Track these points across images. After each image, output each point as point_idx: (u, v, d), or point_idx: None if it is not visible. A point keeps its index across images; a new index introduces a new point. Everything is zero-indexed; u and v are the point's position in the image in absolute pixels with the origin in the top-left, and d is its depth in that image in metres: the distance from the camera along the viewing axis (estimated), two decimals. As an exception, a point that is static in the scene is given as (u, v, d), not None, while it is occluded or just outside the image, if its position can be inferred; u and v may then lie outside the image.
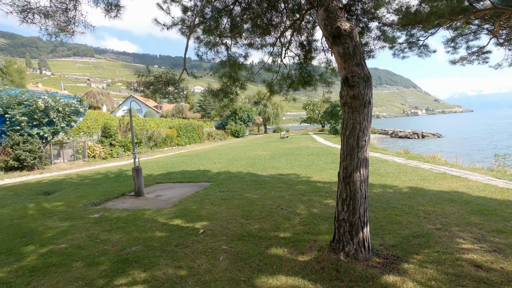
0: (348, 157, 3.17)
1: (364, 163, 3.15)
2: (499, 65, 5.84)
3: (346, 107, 3.16)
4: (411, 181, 7.49)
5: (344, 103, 3.17)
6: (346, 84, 3.08)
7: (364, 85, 3.04)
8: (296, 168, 10.25)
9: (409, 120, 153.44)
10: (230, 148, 20.66)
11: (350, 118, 3.15)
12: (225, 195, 6.44)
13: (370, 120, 3.18)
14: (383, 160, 11.57)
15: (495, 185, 6.80)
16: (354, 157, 3.13)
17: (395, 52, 6.58)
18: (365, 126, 3.11)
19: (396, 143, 33.54)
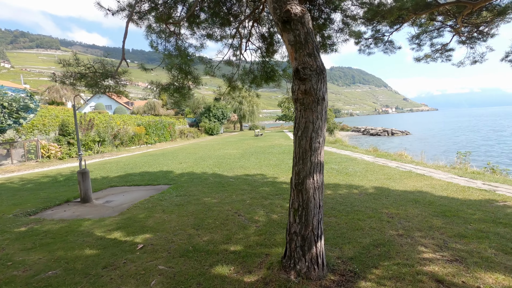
0: (301, 161, 2.76)
1: (318, 167, 2.76)
2: (462, 63, 5.79)
3: (298, 104, 2.75)
4: (378, 180, 7.36)
5: (296, 99, 2.76)
6: (297, 77, 2.66)
7: (317, 79, 2.64)
8: (265, 167, 9.86)
9: (380, 118, 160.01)
10: (201, 147, 19.93)
11: (302, 117, 2.74)
12: (181, 200, 5.87)
13: (325, 119, 2.79)
14: (353, 159, 11.52)
15: (457, 184, 6.82)
16: (307, 161, 2.73)
17: (361, 47, 6.34)
18: (319, 126, 2.72)
19: (367, 141, 34.46)
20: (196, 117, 44.39)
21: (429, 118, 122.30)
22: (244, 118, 55.67)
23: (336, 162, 10.57)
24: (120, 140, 21.78)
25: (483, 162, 15.92)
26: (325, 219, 4.48)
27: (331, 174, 8.41)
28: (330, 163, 10.39)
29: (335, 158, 11.79)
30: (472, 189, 6.24)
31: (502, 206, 5.05)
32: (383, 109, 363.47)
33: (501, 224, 4.09)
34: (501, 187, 6.50)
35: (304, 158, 2.74)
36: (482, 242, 3.48)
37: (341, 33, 4.96)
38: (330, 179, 7.69)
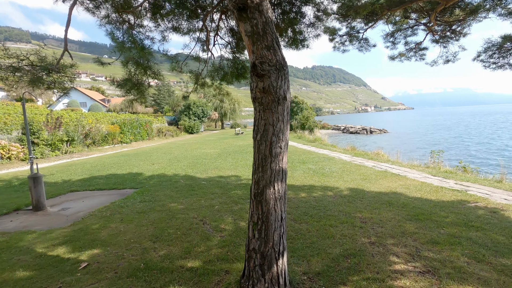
0: (260, 168, 2.44)
1: (279, 176, 2.45)
2: (435, 62, 5.72)
3: (256, 104, 2.42)
4: (353, 181, 7.22)
5: (254, 98, 2.43)
6: (254, 73, 2.33)
7: (277, 75, 2.32)
8: (240, 168, 9.52)
9: (360, 117, 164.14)
10: (178, 146, 19.27)
11: (261, 118, 2.41)
12: (144, 207, 5.41)
13: (287, 121, 2.48)
14: (330, 158, 11.43)
15: (430, 184, 6.80)
16: (267, 168, 2.41)
17: (336, 45, 6.12)
18: (280, 129, 2.41)
19: (347, 139, 34.99)
20: (175, 115, 43.28)
21: (406, 116, 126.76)
22: (225, 116, 55.03)
23: (313, 162, 10.41)
24: (92, 139, 20.67)
25: (455, 160, 16.46)
26: (296, 226, 4.21)
27: (308, 174, 8.21)
28: (307, 163, 10.21)
29: (313, 157, 11.65)
30: (445, 190, 6.21)
31: (474, 207, 5.00)
32: (363, 108, 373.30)
33: (473, 228, 3.99)
34: (472, 186, 6.53)
35: (264, 165, 2.42)
36: (454, 249, 3.33)
37: (313, 27, 4.69)
38: (306, 180, 7.47)
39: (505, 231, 3.87)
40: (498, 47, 4.86)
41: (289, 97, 2.45)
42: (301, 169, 9.04)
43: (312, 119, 31.28)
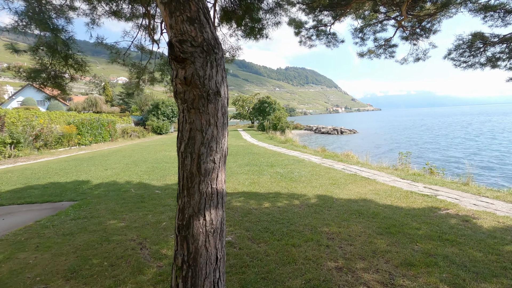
0: (185, 191, 1.74)
1: (213, 201, 1.77)
2: (405, 60, 5.40)
3: (178, 101, 1.72)
4: (322, 186, 6.76)
5: (176, 93, 1.73)
6: (172, 56, 1.62)
7: (205, 61, 1.64)
8: (203, 173, 8.75)
9: (331, 117, 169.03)
10: (142, 148, 17.94)
11: (186, 121, 1.72)
12: (75, 226, 4.48)
13: (224, 125, 1.81)
14: (300, 160, 10.99)
15: (400, 188, 6.51)
16: (194, 191, 1.72)
17: (302, 39, 5.59)
18: (212, 136, 1.73)
19: (318, 139, 35.31)
20: (143, 115, 41.14)
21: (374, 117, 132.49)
22: (197, 116, 53.57)
23: (282, 165, 9.89)
24: (44, 141, 18.67)
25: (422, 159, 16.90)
26: (253, 247, 3.56)
27: (275, 179, 7.64)
28: (276, 166, 9.67)
29: (283, 160, 11.14)
30: (415, 195, 5.92)
31: (445, 215, 4.68)
32: (334, 109, 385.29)
33: (448, 242, 3.59)
34: (441, 190, 6.33)
35: (190, 186, 1.72)
36: (432, 273, 2.87)
37: (272, 14, 4.08)
38: (272, 186, 6.88)
39: (481, 245, 3.51)
40: (468, 44, 4.58)
41: (225, 93, 1.78)
42: (269, 174, 8.45)
43: (284, 120, 31.09)
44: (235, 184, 7.15)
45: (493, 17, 4.46)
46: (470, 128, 41.50)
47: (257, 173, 8.55)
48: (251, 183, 7.28)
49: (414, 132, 39.87)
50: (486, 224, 4.24)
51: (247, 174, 8.51)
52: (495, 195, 5.82)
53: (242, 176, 8.13)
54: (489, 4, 4.40)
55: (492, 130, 35.53)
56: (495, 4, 4.39)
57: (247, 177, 8.06)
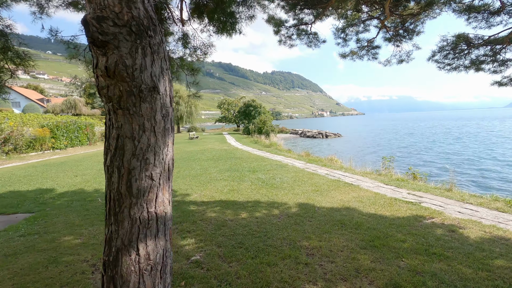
0: (112, 217, 1.33)
1: (151, 229, 1.37)
2: (388, 62, 5.20)
3: (103, 98, 1.32)
4: (304, 193, 6.44)
5: (98, 88, 1.32)
6: (89, 38, 1.22)
7: (134, 45, 1.25)
8: (180, 180, 8.24)
9: (317, 121, 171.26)
10: (120, 152, 17.14)
11: (112, 126, 1.31)
12: (23, 244, 3.91)
13: (166, 131, 1.42)
14: (283, 165, 10.68)
15: (384, 195, 6.29)
16: (124, 217, 1.32)
17: (282, 38, 5.28)
18: (148, 145, 1.33)
19: (304, 143, 35.32)
20: (124, 118, 39.84)
21: (358, 121, 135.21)
22: (181, 120, 52.44)
23: (264, 170, 9.53)
24: (14, 145, 17.51)
25: (405, 163, 17.04)
26: (223, 267, 3.15)
27: (256, 186, 7.26)
28: (258, 172, 9.30)
29: (265, 165, 10.79)
30: (399, 202, 5.70)
31: (430, 224, 4.45)
32: (319, 113, 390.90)
33: (435, 257, 3.32)
34: (425, 197, 6.15)
35: (119, 211, 1.32)
36: (420, 296, 2.56)
37: (245, 6, 3.74)
38: (252, 194, 6.50)
39: (470, 259, 3.26)
40: (452, 46, 4.40)
41: (167, 89, 1.39)
42: (250, 180, 8.07)
43: (270, 123, 30.87)
44: (212, 192, 6.71)
45: (477, 18, 4.30)
46: (450, 133, 42.85)
47: (237, 179, 8.14)
48: (230, 190, 6.86)
49: (396, 137, 40.71)
50: (473, 234, 4.02)
51: (227, 180, 8.09)
52: (479, 201, 5.68)
53: (221, 183, 7.70)
54: (473, 5, 4.25)
55: (472, 134, 36.81)
56: (479, 5, 4.24)
57: (226, 183, 7.64)
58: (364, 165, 12.35)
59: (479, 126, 53.00)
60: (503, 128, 45.03)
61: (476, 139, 30.82)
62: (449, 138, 33.50)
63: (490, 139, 30.50)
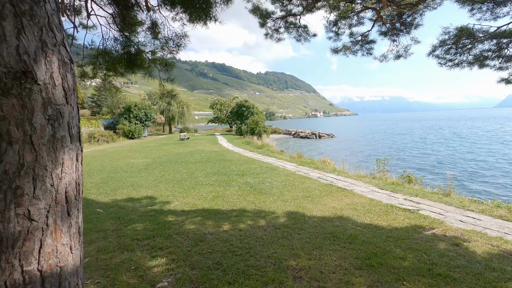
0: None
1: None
2: (385, 57, 4.78)
3: None
4: (294, 200, 5.98)
5: None
6: None
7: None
8: (163, 185, 7.70)
9: (310, 121, 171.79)
10: (105, 154, 16.44)
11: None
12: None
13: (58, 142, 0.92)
14: (274, 168, 10.21)
15: (379, 201, 5.87)
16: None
17: (268, 31, 4.81)
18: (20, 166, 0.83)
19: (297, 144, 34.99)
20: (114, 118, 38.88)
21: (351, 121, 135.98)
22: (173, 120, 51.59)
23: (254, 174, 9.05)
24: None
25: (399, 165, 16.77)
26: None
27: (243, 192, 6.77)
28: (247, 175, 8.81)
29: (255, 168, 10.31)
30: (396, 209, 5.29)
31: (431, 236, 4.03)
32: (313, 113, 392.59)
33: (441, 279, 2.89)
34: (423, 203, 5.76)
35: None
36: (428, 336, 2.10)
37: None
38: (238, 201, 6.01)
39: (480, 282, 2.84)
40: (455, 40, 3.99)
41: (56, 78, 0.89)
42: (237, 184, 7.57)
43: (262, 124, 30.41)
44: (195, 199, 6.19)
45: (481, 9, 3.90)
46: (442, 132, 43.08)
47: (224, 184, 7.64)
48: (215, 197, 6.36)
49: (389, 137, 40.73)
50: (480, 249, 3.61)
51: (213, 185, 7.58)
52: (480, 208, 5.30)
53: (207, 188, 7.19)
54: (477, -6, 3.83)
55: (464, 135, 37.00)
56: (484, -6, 3.83)
57: (212, 189, 7.13)
58: (357, 167, 12.00)
59: (471, 127, 53.58)
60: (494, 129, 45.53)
61: (467, 140, 30.95)
62: (441, 139, 33.61)
63: (481, 140, 30.66)
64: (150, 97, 50.55)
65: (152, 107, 40.47)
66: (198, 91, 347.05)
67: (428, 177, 13.62)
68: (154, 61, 3.90)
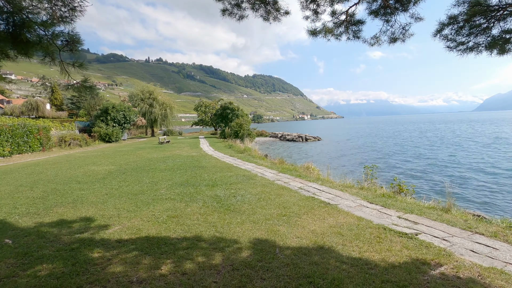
0: None
1: None
2: (377, 40, 3.71)
3: None
4: (267, 221, 4.84)
5: None
6: None
7: None
8: (114, 199, 6.40)
9: (298, 124, 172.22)
10: (68, 160, 14.81)
11: None
12: None
13: None
14: (251, 176, 9.06)
15: (369, 221, 4.82)
16: None
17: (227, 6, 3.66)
18: None
19: (282, 147, 34.02)
20: (90, 120, 36.76)
21: (337, 124, 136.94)
22: (155, 123, 49.61)
23: (226, 184, 7.86)
24: None
25: (387, 170, 15.96)
26: None
27: (207, 209, 5.58)
28: (217, 186, 7.61)
29: (230, 176, 9.13)
30: (390, 234, 4.24)
31: (441, 280, 2.98)
32: (300, 116, 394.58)
33: None
34: (421, 223, 4.75)
35: None
36: None
37: None
38: (197, 223, 4.81)
39: None
40: (469, 16, 2.98)
41: None
42: (203, 199, 6.37)
43: (247, 127, 29.23)
44: (143, 221, 4.94)
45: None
46: (425, 135, 43.26)
47: (187, 199, 6.43)
48: (169, 217, 5.13)
49: (375, 140, 40.46)
50: (511, 303, 2.57)
51: (174, 200, 6.35)
52: (491, 230, 4.32)
53: (164, 205, 5.95)
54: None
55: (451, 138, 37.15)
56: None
57: (170, 205, 5.90)
58: (343, 174, 11.02)
59: (451, 130, 54.36)
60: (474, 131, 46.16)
61: (447, 142, 30.90)
62: (426, 142, 33.51)
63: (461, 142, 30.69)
64: (131, 98, 48.44)
65: (133, 109, 38.53)
66: (185, 94, 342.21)
67: (416, 182, 12.85)
68: (54, 37, 2.70)
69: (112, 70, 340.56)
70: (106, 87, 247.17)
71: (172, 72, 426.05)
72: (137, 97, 47.71)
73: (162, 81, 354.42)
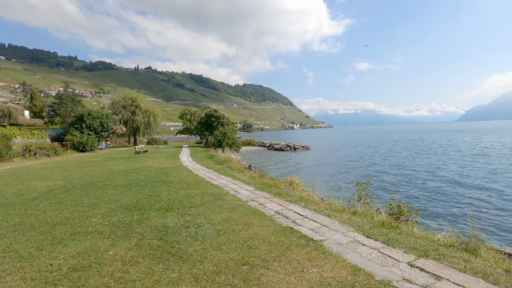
0: None
1: None
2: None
3: None
4: (217, 276, 3.19)
5: None
6: None
7: None
8: (16, 235, 4.62)
9: (287, 133, 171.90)
10: (14, 174, 12.71)
11: None
12: None
13: None
14: (221, 196, 7.40)
15: (369, 275, 3.25)
16: None
17: None
18: None
19: (268, 157, 32.48)
20: (64, 128, 34.35)
21: (326, 133, 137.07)
22: (138, 131, 47.25)
23: (185, 208, 6.17)
24: None
25: (379, 181, 14.50)
26: None
27: (137, 252, 3.88)
28: (171, 211, 5.91)
29: (195, 195, 7.43)
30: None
31: None
32: (290, 125, 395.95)
33: None
34: (443, 276, 3.19)
35: None
36: None
37: None
38: (112, 282, 3.11)
39: None
40: None
41: None
42: (141, 233, 4.66)
43: (231, 135, 27.61)
44: (21, 282, 3.18)
45: None
46: (413, 144, 42.71)
47: (121, 232, 4.70)
48: (70, 271, 3.40)
49: (364, 150, 39.54)
50: None
51: (100, 235, 4.61)
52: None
53: (82, 244, 4.21)
54: None
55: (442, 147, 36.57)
56: None
57: (89, 245, 4.16)
58: (332, 188, 9.47)
59: (437, 138, 54.33)
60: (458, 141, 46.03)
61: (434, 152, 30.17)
62: (413, 152, 32.72)
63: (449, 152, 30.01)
64: (112, 105, 46.11)
65: (112, 116, 36.36)
66: (174, 102, 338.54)
67: (412, 194, 11.45)
68: None
69: (100, 78, 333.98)
70: (93, 95, 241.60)
71: (162, 80, 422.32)
72: (119, 104, 45.46)
73: (151, 90, 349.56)
